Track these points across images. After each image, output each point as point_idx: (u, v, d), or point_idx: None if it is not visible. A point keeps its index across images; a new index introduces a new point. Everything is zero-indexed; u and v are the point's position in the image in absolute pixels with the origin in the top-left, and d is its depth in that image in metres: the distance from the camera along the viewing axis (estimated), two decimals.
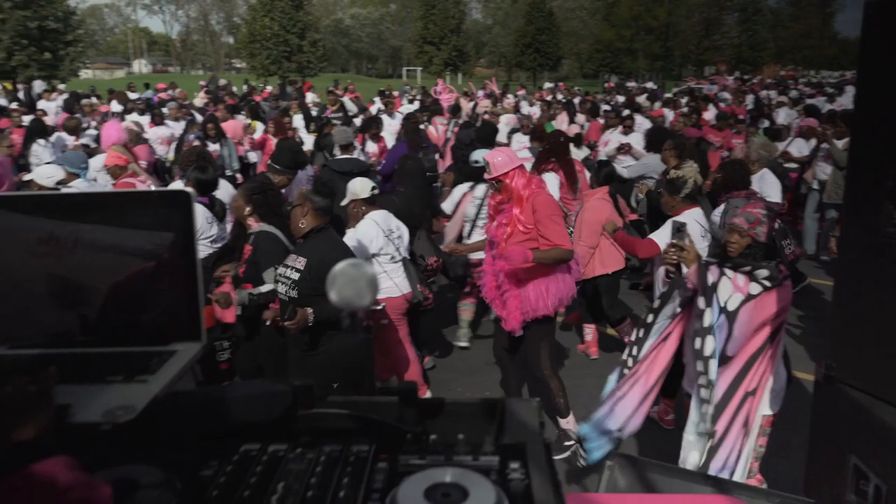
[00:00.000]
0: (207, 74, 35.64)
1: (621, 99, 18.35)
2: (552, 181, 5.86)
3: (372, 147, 9.15)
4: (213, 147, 9.08)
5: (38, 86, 23.12)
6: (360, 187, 4.50)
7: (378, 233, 4.41)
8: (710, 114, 12.84)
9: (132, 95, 17.14)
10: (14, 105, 13.99)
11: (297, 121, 11.82)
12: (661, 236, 4.15)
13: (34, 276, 1.08)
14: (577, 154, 6.92)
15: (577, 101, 16.85)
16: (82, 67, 40.06)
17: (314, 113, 13.81)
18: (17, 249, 1.09)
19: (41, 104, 15.03)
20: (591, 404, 4.72)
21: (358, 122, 11.72)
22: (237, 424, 1.12)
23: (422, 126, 11.06)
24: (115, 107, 14.34)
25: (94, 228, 1.09)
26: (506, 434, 1.18)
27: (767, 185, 6.03)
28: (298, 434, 1.14)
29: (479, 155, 5.35)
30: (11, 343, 1.06)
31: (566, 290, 3.98)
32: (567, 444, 4.16)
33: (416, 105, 15.46)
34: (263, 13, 41.16)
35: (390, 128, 10.94)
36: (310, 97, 18.59)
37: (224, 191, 5.48)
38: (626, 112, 11.10)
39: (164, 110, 12.08)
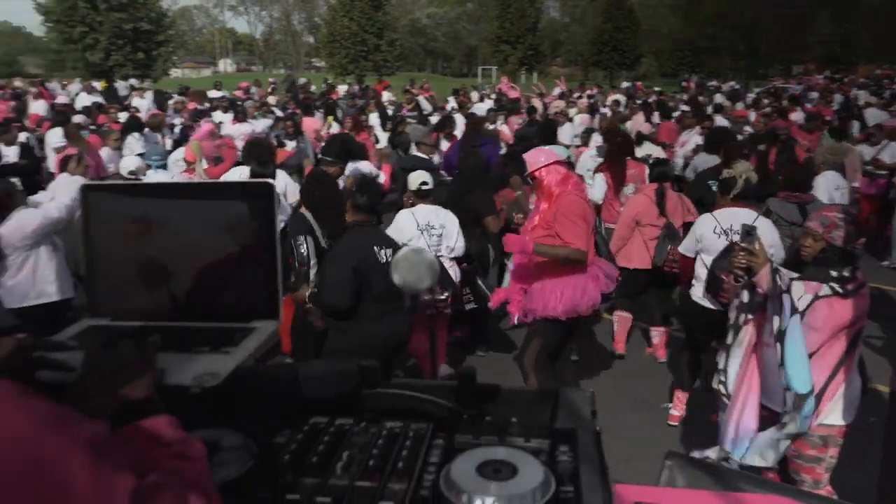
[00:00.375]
0: (285, 73, 36.84)
1: (691, 98, 17.84)
2: (599, 183, 5.97)
3: (446, 146, 9.27)
4: (290, 144, 9.43)
5: (131, 83, 24.42)
6: (411, 180, 4.78)
7: (410, 225, 4.60)
8: (797, 115, 12.31)
9: (216, 94, 17.89)
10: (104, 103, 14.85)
11: (373, 119, 12.09)
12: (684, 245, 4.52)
13: (132, 257, 1.21)
14: (638, 152, 6.96)
15: (651, 100, 16.54)
16: (172, 67, 41.94)
17: (390, 112, 14.08)
18: (116, 232, 1.21)
19: (134, 101, 15.88)
20: (654, 406, 4.75)
21: (434, 120, 11.88)
22: (308, 399, 1.21)
23: (494, 125, 11.15)
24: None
25: (183, 214, 1.20)
26: (558, 420, 1.23)
27: (816, 187, 5.90)
28: (363, 411, 1.23)
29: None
30: (114, 315, 1.18)
31: (584, 299, 3.89)
32: None
33: (488, 104, 15.51)
34: (343, 13, 42.05)
35: (464, 126, 11.07)
36: (386, 96, 18.93)
37: (281, 182, 5.74)
38: (687, 110, 10.81)
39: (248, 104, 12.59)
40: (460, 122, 11.24)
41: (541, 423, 1.18)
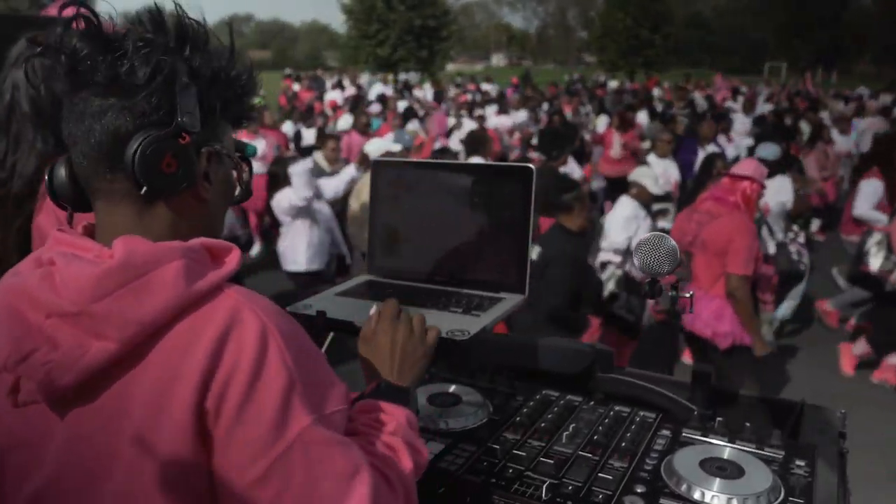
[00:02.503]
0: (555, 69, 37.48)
1: None
2: (870, 188, 5.65)
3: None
4: None
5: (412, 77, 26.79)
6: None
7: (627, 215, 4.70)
8: None
9: (486, 87, 18.86)
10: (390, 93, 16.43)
11: (641, 116, 11.81)
12: None
13: (404, 226, 1.38)
14: None
15: None
16: (449, 61, 44.74)
17: (659, 109, 13.62)
18: (393, 202, 1.39)
19: (415, 93, 17.38)
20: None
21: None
22: (542, 371, 1.30)
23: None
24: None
25: (450, 191, 1.34)
26: (799, 435, 1.17)
27: None
28: (593, 391, 1.29)
29: (766, 150, 5.37)
30: (385, 275, 1.37)
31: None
32: None
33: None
34: (618, 7, 41.25)
35: (742, 127, 10.49)
36: (656, 92, 18.35)
37: None
38: None
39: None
40: (740, 122, 10.69)
41: (777, 433, 1.13)
